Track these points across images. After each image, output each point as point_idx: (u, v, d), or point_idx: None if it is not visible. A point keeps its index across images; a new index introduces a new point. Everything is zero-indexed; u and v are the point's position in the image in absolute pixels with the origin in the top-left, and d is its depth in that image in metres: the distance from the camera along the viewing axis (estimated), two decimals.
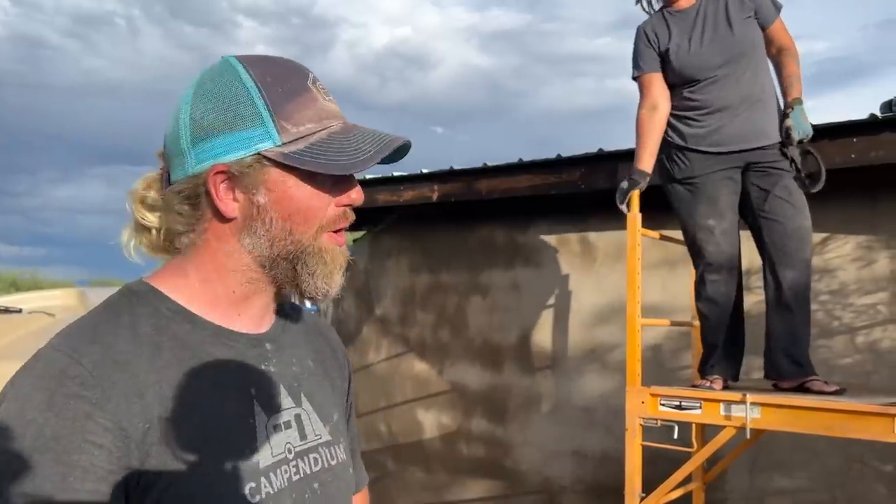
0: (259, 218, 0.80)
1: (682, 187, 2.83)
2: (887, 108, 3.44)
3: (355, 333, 5.66)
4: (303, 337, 0.95)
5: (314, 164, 0.78)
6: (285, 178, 0.80)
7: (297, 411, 0.87)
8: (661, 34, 2.85)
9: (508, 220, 4.83)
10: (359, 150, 0.80)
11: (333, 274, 0.84)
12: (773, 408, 2.44)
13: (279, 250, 0.82)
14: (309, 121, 0.80)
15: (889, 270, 3.50)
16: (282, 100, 0.79)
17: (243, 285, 0.84)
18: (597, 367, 4.33)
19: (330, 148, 0.79)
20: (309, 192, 0.81)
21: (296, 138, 0.79)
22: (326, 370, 0.97)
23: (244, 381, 0.82)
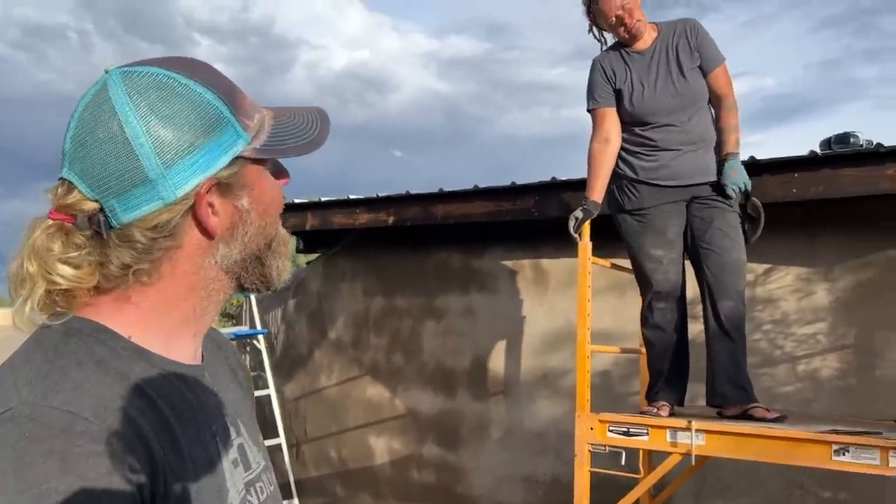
0: (242, 222, 0.77)
1: (632, 218, 2.91)
2: (827, 146, 3.60)
3: (307, 357, 5.60)
4: (218, 357, 0.89)
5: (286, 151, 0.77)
6: (258, 173, 0.78)
7: (239, 441, 0.82)
8: (619, 71, 2.94)
9: (464, 246, 4.86)
10: (307, 128, 0.79)
11: (289, 259, 0.83)
12: (717, 435, 2.50)
13: (252, 249, 0.78)
14: (255, 111, 0.78)
15: (828, 301, 3.63)
16: (230, 96, 0.75)
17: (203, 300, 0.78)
18: (548, 393, 4.37)
19: (285, 132, 0.78)
20: (272, 182, 0.80)
21: (256, 132, 0.77)
22: (242, 388, 0.92)
23: (207, 420, 0.77)
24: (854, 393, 3.51)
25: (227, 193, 0.75)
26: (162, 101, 0.71)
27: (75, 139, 0.71)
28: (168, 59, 0.75)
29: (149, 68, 0.72)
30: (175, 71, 0.73)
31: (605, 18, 2.91)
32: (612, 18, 2.87)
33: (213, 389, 0.81)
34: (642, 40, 2.93)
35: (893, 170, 3.15)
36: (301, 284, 5.80)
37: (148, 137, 0.69)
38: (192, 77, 0.73)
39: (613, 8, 2.85)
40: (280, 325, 5.91)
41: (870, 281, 3.54)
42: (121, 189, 0.70)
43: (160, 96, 0.71)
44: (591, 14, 2.98)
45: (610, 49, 3.02)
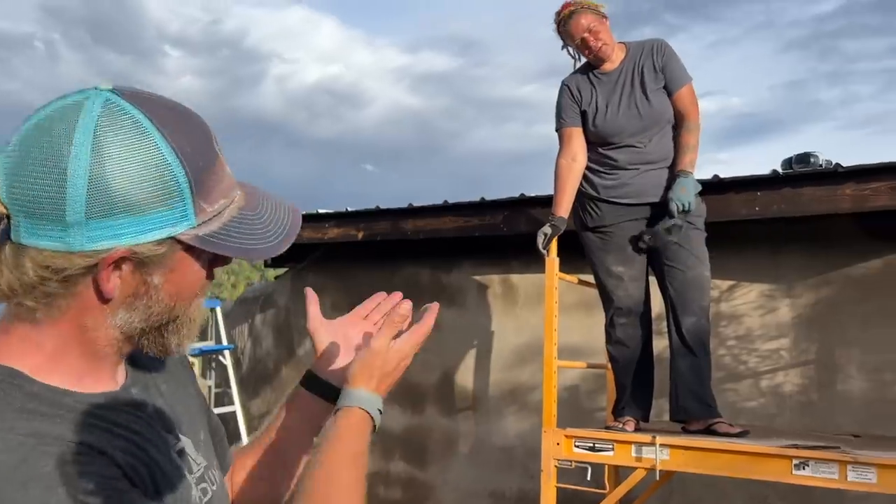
0: (146, 296, 0.71)
1: (595, 235, 2.94)
2: (788, 165, 3.68)
3: (274, 373, 5.54)
4: (152, 360, 0.84)
5: (227, 249, 0.72)
6: (188, 260, 0.72)
7: (179, 446, 0.80)
8: (585, 93, 2.99)
9: (433, 261, 4.86)
10: (270, 230, 0.76)
11: (194, 334, 0.78)
12: (681, 449, 2.52)
13: (154, 322, 0.74)
14: (221, 196, 0.72)
15: (790, 317, 3.69)
16: (201, 174, 0.70)
17: (104, 349, 0.74)
18: (516, 409, 4.37)
19: (241, 228, 0.73)
20: (198, 269, 0.74)
21: (210, 218, 0.71)
22: (180, 385, 0.89)
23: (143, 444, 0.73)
24: (815, 408, 3.57)
25: (141, 268, 0.69)
26: (125, 150, 0.65)
27: (27, 135, 0.66)
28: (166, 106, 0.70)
29: (135, 110, 0.67)
30: (159, 125, 0.67)
31: (572, 39, 2.96)
32: (577, 41, 2.92)
33: (143, 403, 0.78)
34: (610, 61, 2.98)
35: (851, 189, 3.23)
36: (268, 299, 5.74)
37: (87, 181, 0.64)
38: (171, 139, 0.67)
39: (579, 31, 2.90)
40: (247, 341, 5.83)
41: (830, 298, 3.62)
42: (33, 213, 0.65)
43: (126, 145, 0.65)
44: (561, 35, 3.03)
45: (578, 71, 3.08)
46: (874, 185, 3.19)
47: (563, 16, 2.96)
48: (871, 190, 3.20)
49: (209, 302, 7.09)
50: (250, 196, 0.77)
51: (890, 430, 3.29)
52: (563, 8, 2.98)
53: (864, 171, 3.21)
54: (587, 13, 2.91)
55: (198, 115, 0.74)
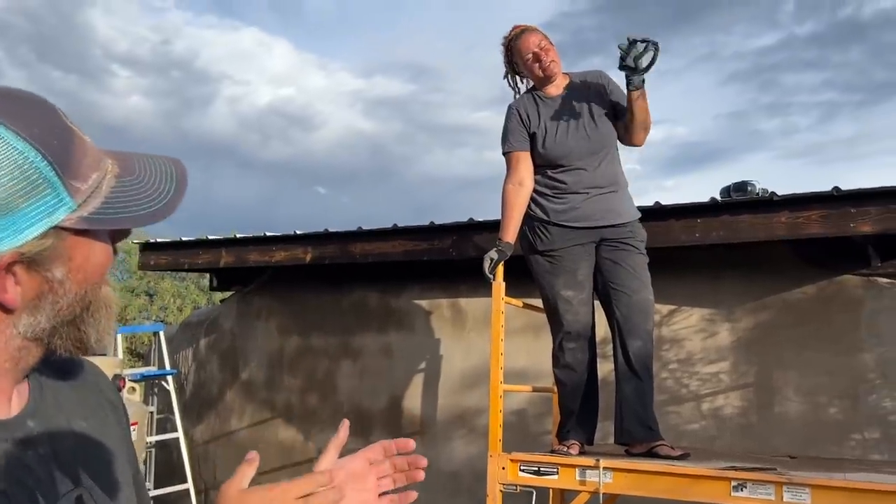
0: (52, 292, 0.67)
1: (544, 258, 2.97)
2: (726, 193, 3.80)
3: (218, 398, 5.41)
4: (70, 395, 0.79)
5: (120, 222, 0.68)
6: (84, 243, 0.68)
7: (78, 492, 0.72)
8: (532, 116, 3.03)
9: (382, 285, 4.84)
10: (157, 189, 0.70)
11: (112, 322, 0.74)
12: (624, 472, 2.54)
13: (65, 316, 0.69)
14: (92, 170, 0.68)
15: (730, 341, 3.79)
16: (61, 153, 0.65)
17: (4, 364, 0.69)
18: (464, 433, 4.36)
19: (127, 195, 0.69)
20: (100, 248, 0.70)
21: (88, 195, 0.67)
22: (104, 426, 0.81)
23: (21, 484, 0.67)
24: (754, 430, 3.65)
25: (36, 266, 0.65)
26: None
27: None
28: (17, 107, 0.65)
29: None
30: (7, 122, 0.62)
31: (521, 55, 3.01)
32: (528, 55, 2.97)
33: (35, 439, 0.71)
34: (554, 86, 3.04)
35: (786, 217, 3.35)
36: (214, 323, 5.63)
37: None
38: (16, 129, 0.62)
39: (530, 46, 2.97)
40: (190, 365, 5.69)
41: (768, 322, 3.73)
42: None
43: None
44: (510, 52, 3.08)
45: (525, 94, 3.12)
46: (807, 213, 3.32)
47: (514, 34, 3.03)
48: (804, 218, 3.33)
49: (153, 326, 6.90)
50: (123, 161, 0.72)
51: (824, 451, 3.39)
52: (512, 29, 3.05)
53: (798, 199, 3.33)
54: (538, 33, 3.01)
55: (34, 94, 0.68)
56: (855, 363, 3.53)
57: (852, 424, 3.48)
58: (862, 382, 3.51)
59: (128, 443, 0.86)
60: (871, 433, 3.45)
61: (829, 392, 3.55)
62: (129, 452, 0.85)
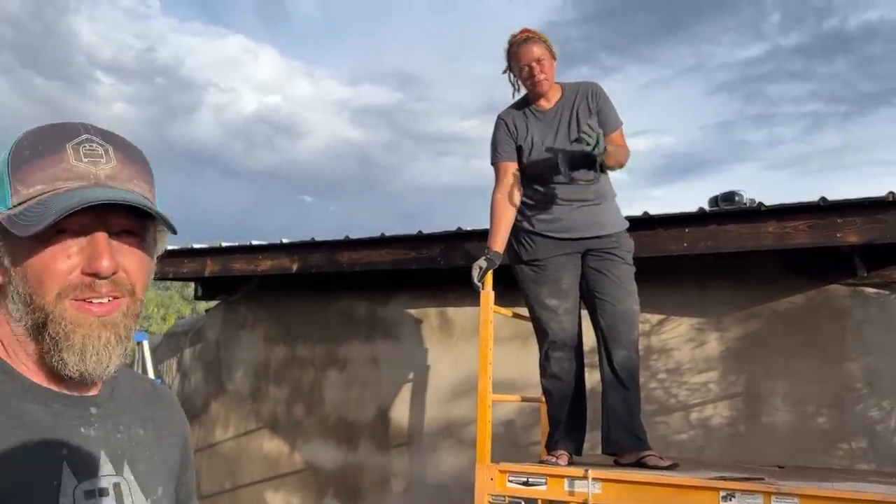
0: (11, 282, 0.78)
1: (529, 268, 2.96)
2: (714, 203, 3.81)
3: (202, 409, 5.35)
4: (138, 405, 0.91)
5: (15, 226, 0.74)
6: (17, 241, 0.76)
7: (116, 480, 0.82)
8: (520, 128, 3.03)
9: (369, 294, 4.81)
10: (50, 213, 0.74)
11: (87, 349, 0.78)
12: (613, 483, 2.52)
13: (31, 317, 0.77)
14: (40, 182, 0.76)
15: (718, 351, 3.79)
16: (22, 163, 0.77)
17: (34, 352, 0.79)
18: (452, 444, 4.32)
19: (35, 209, 0.75)
20: (46, 254, 0.76)
21: (23, 200, 0.76)
22: (158, 442, 0.92)
23: (55, 441, 0.77)
24: (743, 439, 3.65)
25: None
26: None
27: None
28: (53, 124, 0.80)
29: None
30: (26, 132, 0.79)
31: (517, 63, 2.99)
32: (523, 66, 2.96)
33: (91, 421, 0.82)
34: (546, 99, 3.03)
35: (773, 227, 3.36)
36: (198, 332, 5.57)
37: None
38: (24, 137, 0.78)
39: (528, 57, 2.94)
40: (175, 375, 5.63)
41: (756, 331, 3.73)
42: None
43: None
44: (510, 55, 3.04)
45: (513, 107, 3.11)
46: (794, 223, 3.33)
47: (519, 38, 2.98)
48: (791, 228, 3.34)
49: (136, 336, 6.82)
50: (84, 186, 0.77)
51: (812, 461, 3.39)
52: (521, 32, 3.00)
53: (785, 209, 3.34)
54: (541, 45, 2.96)
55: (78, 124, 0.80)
56: (842, 372, 3.54)
57: (840, 434, 3.49)
58: (849, 392, 3.52)
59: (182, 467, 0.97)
60: (858, 443, 3.45)
61: (817, 401, 3.56)
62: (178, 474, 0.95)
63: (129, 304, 0.81)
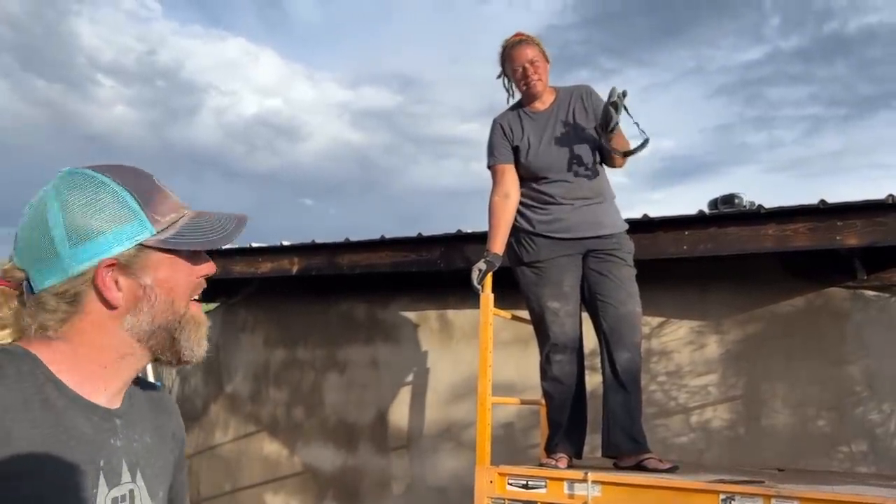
0: (146, 297, 0.90)
1: (530, 270, 2.96)
2: (714, 206, 3.81)
3: (202, 412, 5.34)
4: (147, 413, 1.01)
5: (187, 244, 0.92)
6: (164, 259, 0.92)
7: (131, 486, 0.93)
8: (516, 130, 3.03)
9: (369, 296, 4.81)
10: (214, 229, 0.94)
11: (203, 337, 0.96)
12: (613, 486, 2.52)
13: (160, 322, 0.92)
14: (171, 211, 0.94)
15: (718, 353, 3.78)
16: (147, 197, 0.92)
17: (116, 362, 0.91)
18: (451, 446, 4.32)
19: (194, 230, 0.93)
20: (182, 268, 0.93)
21: (167, 226, 0.92)
22: (161, 447, 1.02)
23: (96, 452, 0.88)
24: (742, 442, 3.64)
25: (130, 273, 0.89)
26: (84, 195, 0.88)
27: (22, 222, 0.91)
28: (110, 166, 0.93)
29: (87, 171, 0.91)
30: (105, 174, 0.90)
31: (512, 65, 3.01)
32: (517, 68, 2.97)
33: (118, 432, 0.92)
34: (541, 101, 3.04)
35: (773, 229, 3.36)
36: None
37: (62, 222, 0.87)
38: (115, 179, 0.91)
39: (522, 59, 2.96)
40: (175, 378, 5.62)
41: (756, 334, 3.73)
42: (38, 261, 0.88)
43: (84, 192, 0.88)
44: (504, 58, 3.07)
45: (509, 110, 3.12)
46: (794, 225, 3.33)
47: (512, 42, 3.01)
48: (791, 230, 3.34)
49: None
50: (198, 212, 0.97)
51: (812, 464, 3.38)
52: (514, 36, 3.03)
53: (785, 212, 3.34)
54: (534, 47, 2.98)
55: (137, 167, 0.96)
56: (842, 375, 3.54)
57: (840, 437, 3.48)
58: (849, 395, 3.51)
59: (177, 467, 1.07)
60: (858, 446, 3.45)
61: (817, 404, 3.56)
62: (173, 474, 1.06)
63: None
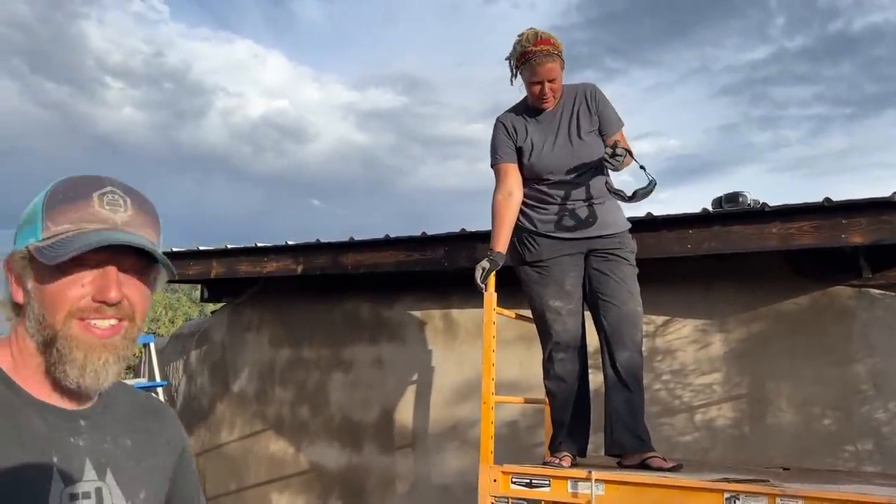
0: (29, 303, 0.91)
1: (532, 270, 2.96)
2: (718, 204, 3.80)
3: (208, 411, 5.36)
4: (130, 418, 1.02)
5: (42, 255, 0.88)
6: (40, 269, 0.90)
7: (98, 485, 0.92)
8: (520, 131, 3.01)
9: (373, 295, 4.82)
10: (74, 248, 0.88)
11: (87, 365, 0.90)
12: (616, 485, 2.52)
13: (42, 334, 0.90)
14: (68, 222, 0.90)
15: (722, 352, 3.78)
16: (55, 204, 0.91)
17: (40, 367, 0.91)
18: (456, 445, 4.32)
19: (60, 243, 0.88)
20: (62, 281, 0.90)
21: (51, 235, 0.90)
22: (147, 451, 1.02)
23: (48, 450, 0.89)
24: (747, 441, 3.64)
25: (20, 274, 0.91)
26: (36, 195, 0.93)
27: None
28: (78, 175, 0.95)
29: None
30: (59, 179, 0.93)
31: (530, 76, 2.88)
32: (536, 83, 2.87)
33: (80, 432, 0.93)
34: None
35: (777, 228, 3.35)
36: (204, 334, 5.58)
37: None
38: (56, 183, 0.93)
39: (544, 74, 2.84)
40: (181, 377, 5.65)
41: (761, 332, 3.72)
42: None
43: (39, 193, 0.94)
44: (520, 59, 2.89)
45: (512, 110, 3.10)
46: (798, 224, 3.31)
47: (537, 51, 2.82)
48: (795, 228, 3.33)
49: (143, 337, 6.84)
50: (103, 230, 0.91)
51: (818, 463, 3.37)
52: (540, 41, 2.83)
53: (789, 210, 3.33)
54: (557, 61, 2.86)
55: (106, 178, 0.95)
56: (847, 374, 3.52)
57: (845, 436, 3.47)
58: (854, 393, 3.50)
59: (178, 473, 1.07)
60: (864, 444, 3.44)
61: (822, 403, 3.54)
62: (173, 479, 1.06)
63: (128, 328, 0.94)
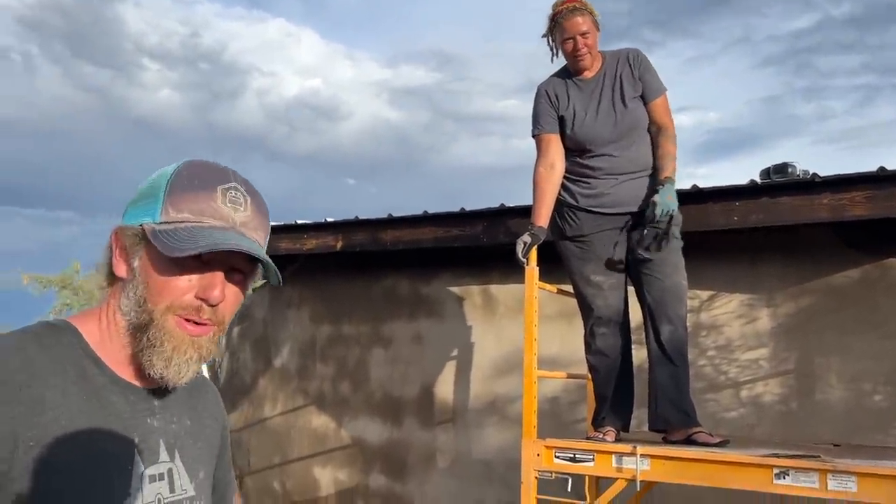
0: (132, 281, 0.90)
1: (573, 244, 2.92)
2: (766, 175, 3.69)
3: (251, 386, 5.45)
4: (185, 396, 1.02)
5: (159, 241, 0.86)
6: (154, 252, 0.88)
7: (169, 465, 0.94)
8: (562, 98, 2.96)
9: (412, 271, 4.82)
10: (198, 245, 0.86)
11: (173, 359, 0.89)
12: (662, 460, 2.49)
13: (137, 317, 0.89)
14: (189, 212, 0.89)
15: (769, 327, 3.69)
16: (180, 190, 0.89)
17: (127, 346, 0.91)
18: (496, 420, 4.33)
19: (182, 235, 0.87)
20: (173, 271, 0.88)
21: (170, 221, 0.88)
22: (201, 429, 1.05)
23: (131, 430, 0.90)
24: (795, 417, 3.56)
25: (129, 249, 0.90)
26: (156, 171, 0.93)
27: None
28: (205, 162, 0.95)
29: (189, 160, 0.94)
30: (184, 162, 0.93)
31: (561, 35, 2.90)
32: (568, 39, 2.87)
33: (155, 412, 0.94)
34: (587, 69, 2.96)
35: (828, 199, 3.24)
36: (246, 311, 5.66)
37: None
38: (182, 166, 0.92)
39: (574, 29, 2.85)
40: (224, 353, 5.75)
41: (809, 307, 3.63)
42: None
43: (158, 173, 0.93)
44: (553, 23, 2.94)
45: (555, 76, 3.05)
46: (851, 194, 3.21)
47: (566, 8, 2.86)
48: (847, 199, 3.22)
49: None
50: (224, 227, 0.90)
51: (869, 439, 3.29)
52: (566, 1, 2.88)
53: (841, 180, 3.22)
54: (588, 16, 2.86)
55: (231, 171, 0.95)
56: None
57: None
58: None
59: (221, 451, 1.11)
60: None
61: (874, 378, 3.45)
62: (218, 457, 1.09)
63: (216, 332, 0.94)
